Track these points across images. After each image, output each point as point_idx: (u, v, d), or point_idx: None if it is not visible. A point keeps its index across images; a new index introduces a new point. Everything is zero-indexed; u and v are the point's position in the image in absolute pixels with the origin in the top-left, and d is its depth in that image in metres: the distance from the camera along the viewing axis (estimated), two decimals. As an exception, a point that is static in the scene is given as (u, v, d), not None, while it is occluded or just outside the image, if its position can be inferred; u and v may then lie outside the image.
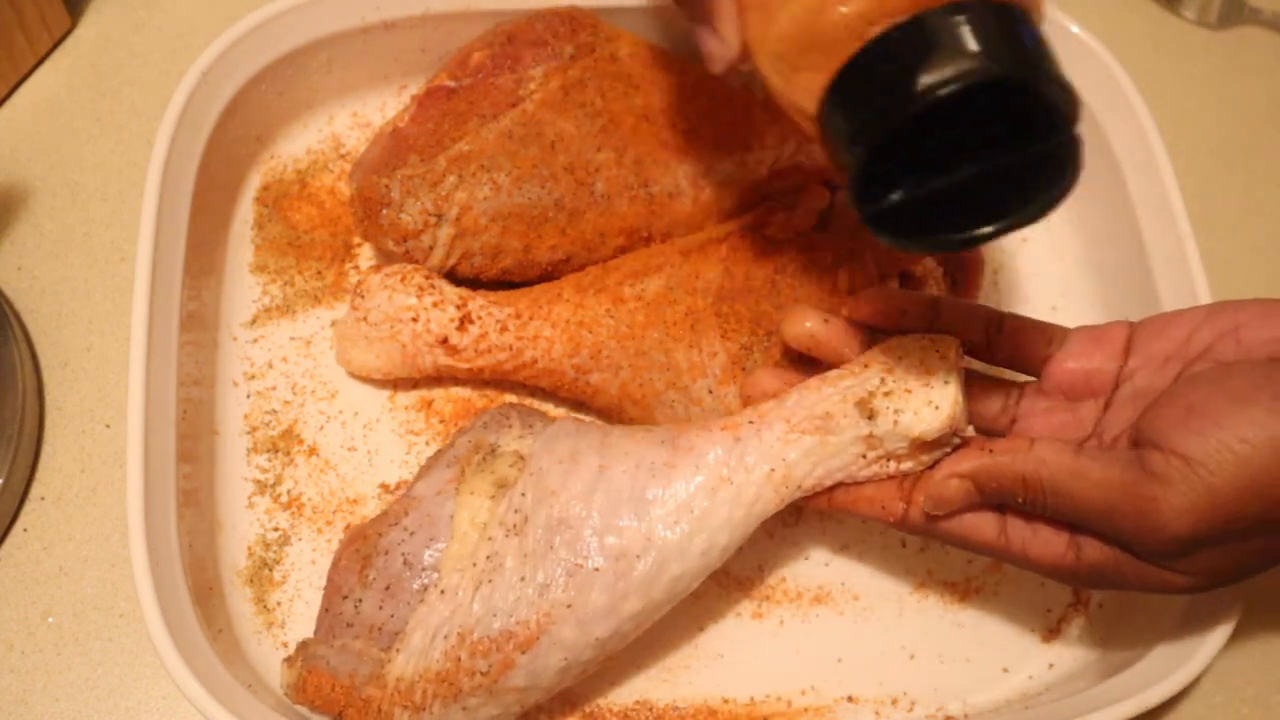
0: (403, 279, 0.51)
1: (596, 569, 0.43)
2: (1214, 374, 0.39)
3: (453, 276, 0.53)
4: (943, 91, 0.32)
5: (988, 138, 0.35)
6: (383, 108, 0.60)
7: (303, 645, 0.46)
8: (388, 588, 0.45)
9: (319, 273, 0.56)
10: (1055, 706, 0.47)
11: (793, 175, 0.55)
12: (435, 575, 0.44)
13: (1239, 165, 0.63)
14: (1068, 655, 0.51)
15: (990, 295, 0.57)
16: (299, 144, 0.59)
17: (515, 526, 0.44)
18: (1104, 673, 0.48)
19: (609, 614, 0.43)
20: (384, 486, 0.52)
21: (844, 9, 0.34)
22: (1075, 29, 0.57)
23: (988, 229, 0.36)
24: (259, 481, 0.52)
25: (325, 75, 0.58)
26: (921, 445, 0.43)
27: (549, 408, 0.54)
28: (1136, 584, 0.40)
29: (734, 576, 0.52)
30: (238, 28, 0.54)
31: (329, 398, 0.54)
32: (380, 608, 0.45)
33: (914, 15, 0.33)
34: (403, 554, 0.45)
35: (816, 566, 0.52)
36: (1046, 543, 0.41)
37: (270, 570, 0.50)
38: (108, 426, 0.53)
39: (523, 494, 0.45)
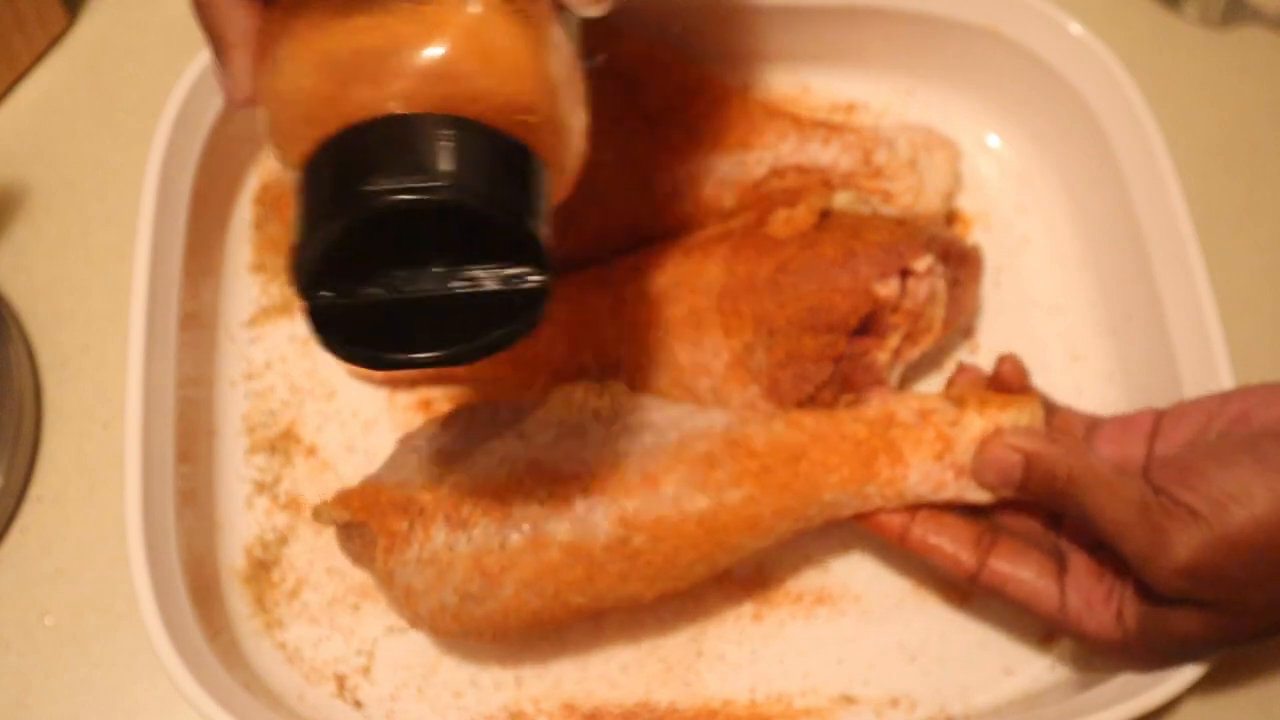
0: (402, 278, 0.51)
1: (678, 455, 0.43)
2: (1208, 444, 0.44)
3: (452, 276, 0.53)
4: (394, 200, 0.30)
5: (461, 259, 0.33)
6: (382, 107, 0.60)
7: None
8: (465, 427, 0.44)
9: (318, 272, 0.56)
10: (1057, 708, 0.47)
11: (793, 174, 0.55)
12: (517, 426, 0.44)
13: (1240, 165, 0.63)
14: (1069, 656, 0.51)
15: (992, 295, 0.57)
16: (298, 143, 0.59)
17: (604, 416, 0.44)
18: (1106, 673, 0.48)
19: (675, 504, 0.42)
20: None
21: (337, 87, 0.31)
22: (1075, 29, 0.57)
23: (424, 355, 0.33)
24: (258, 482, 0.52)
25: (324, 75, 0.58)
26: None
27: (549, 408, 0.54)
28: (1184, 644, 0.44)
29: (734, 577, 0.51)
30: (237, 27, 0.53)
31: (328, 398, 0.54)
32: (451, 439, 0.43)
33: (402, 114, 0.31)
34: (489, 409, 0.45)
35: (817, 567, 0.52)
36: (1100, 620, 0.44)
37: (269, 571, 0.50)
38: (106, 427, 0.53)
39: (616, 396, 0.45)
